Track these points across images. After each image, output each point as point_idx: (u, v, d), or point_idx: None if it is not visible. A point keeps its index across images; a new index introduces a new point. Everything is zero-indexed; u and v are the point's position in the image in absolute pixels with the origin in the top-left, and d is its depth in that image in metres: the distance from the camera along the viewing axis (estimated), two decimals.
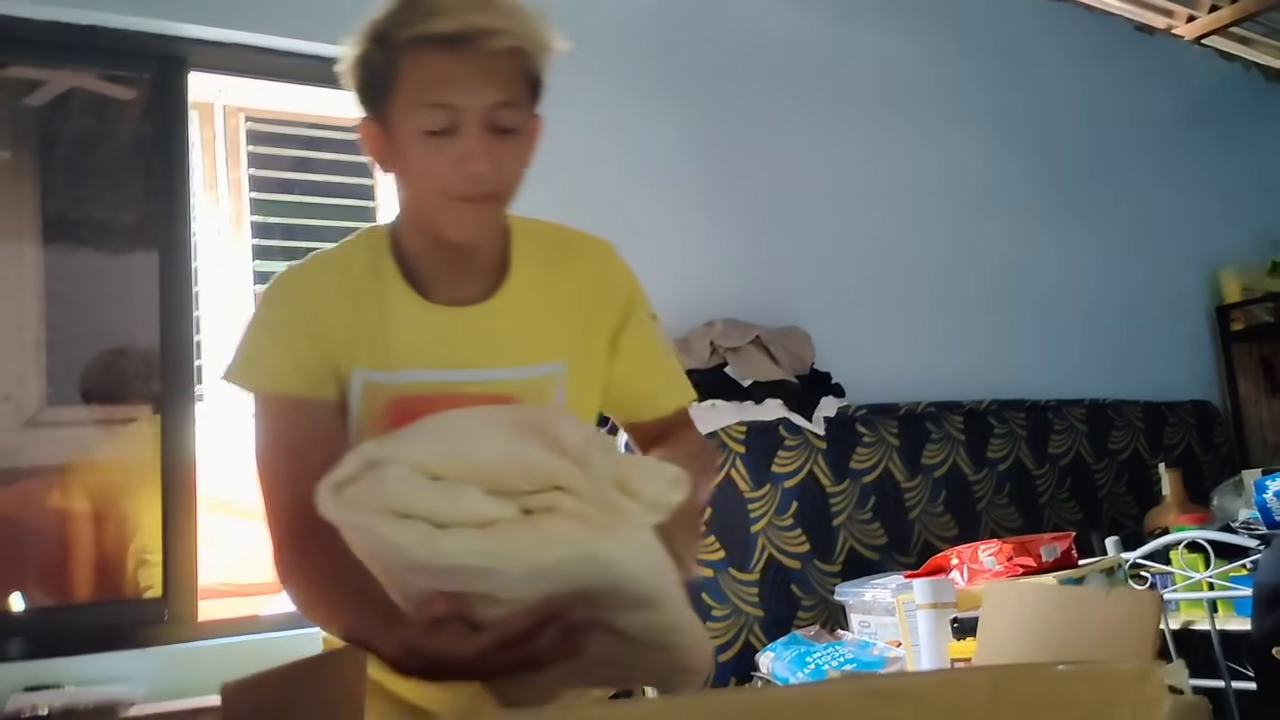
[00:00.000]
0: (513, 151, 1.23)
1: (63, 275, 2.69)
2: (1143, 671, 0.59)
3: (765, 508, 3.06)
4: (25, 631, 2.35)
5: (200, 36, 2.73)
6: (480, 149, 1.19)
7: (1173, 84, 4.98)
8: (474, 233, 1.26)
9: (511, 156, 1.23)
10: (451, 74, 1.18)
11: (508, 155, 1.22)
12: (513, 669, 0.97)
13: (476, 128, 1.19)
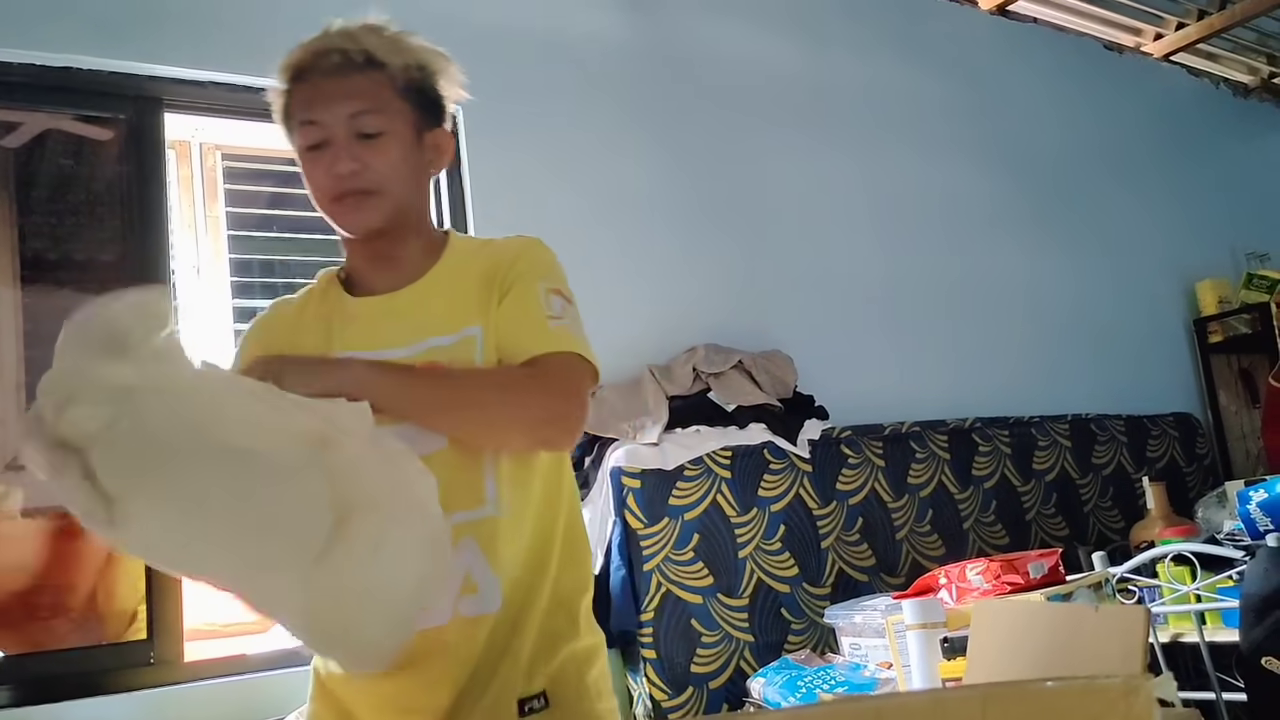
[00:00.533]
0: (379, 152, 1.40)
1: (42, 316, 2.67)
2: (1132, 685, 0.59)
3: (752, 532, 3.06)
4: (10, 678, 2.32)
5: (175, 76, 2.73)
6: (346, 153, 1.38)
7: (1143, 101, 5.04)
8: (358, 225, 1.43)
9: (378, 156, 1.40)
10: (315, 96, 1.40)
11: (374, 155, 1.39)
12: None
13: (342, 137, 1.39)
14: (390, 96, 1.41)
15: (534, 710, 1.33)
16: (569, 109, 3.29)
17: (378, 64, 1.41)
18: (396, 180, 1.42)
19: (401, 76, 1.43)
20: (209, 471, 1.12)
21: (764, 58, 3.79)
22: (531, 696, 1.33)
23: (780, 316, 3.50)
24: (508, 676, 1.33)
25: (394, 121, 1.41)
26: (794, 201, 3.70)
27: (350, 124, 1.39)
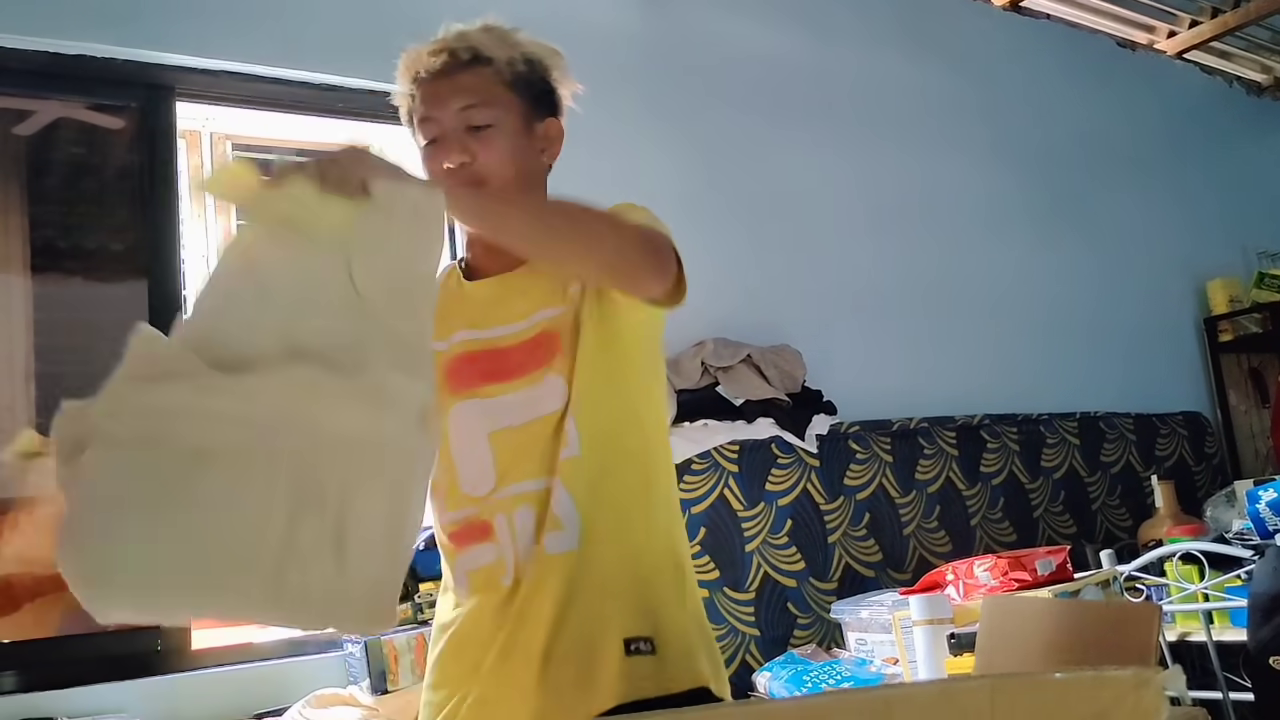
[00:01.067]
0: (487, 143, 1.45)
1: (52, 305, 2.68)
2: (1140, 678, 0.59)
3: (759, 526, 3.06)
4: (18, 664, 2.33)
5: (187, 65, 2.73)
6: (456, 146, 1.44)
7: (1156, 99, 5.01)
8: (467, 216, 1.40)
9: (486, 147, 1.45)
10: (428, 94, 1.47)
11: (483, 146, 1.44)
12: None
13: (453, 130, 1.45)
14: (499, 90, 1.48)
15: (640, 652, 1.35)
16: (578, 102, 3.28)
17: (484, 59, 1.47)
18: (504, 171, 1.47)
19: (508, 70, 1.49)
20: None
21: (774, 53, 3.78)
22: (639, 639, 1.35)
23: (789, 311, 3.49)
24: (610, 615, 1.36)
25: (502, 113, 1.47)
26: (804, 196, 3.69)
27: (460, 117, 1.45)
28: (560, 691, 1.34)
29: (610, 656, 1.34)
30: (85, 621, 2.51)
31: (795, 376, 3.28)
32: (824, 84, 3.87)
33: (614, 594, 1.38)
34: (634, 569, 1.41)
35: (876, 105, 3.99)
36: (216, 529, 1.05)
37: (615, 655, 1.34)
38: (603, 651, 1.34)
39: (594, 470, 1.41)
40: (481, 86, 1.46)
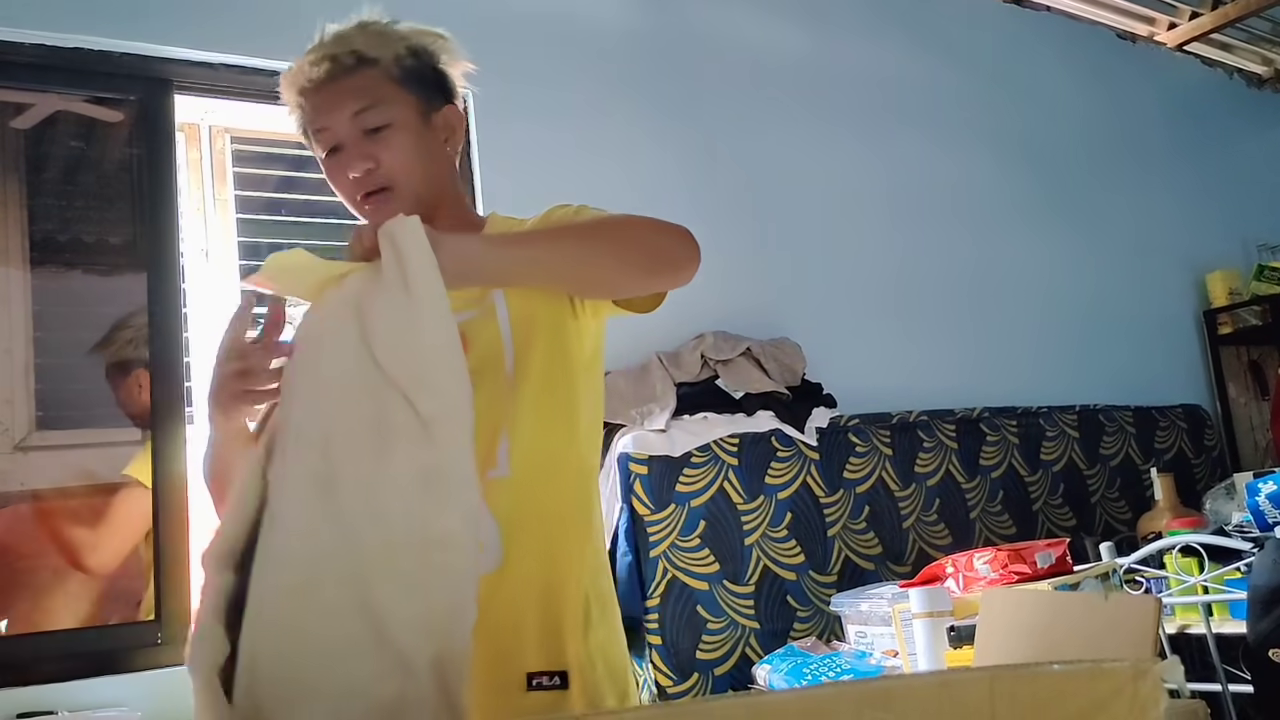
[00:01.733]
0: (387, 145, 1.42)
1: (51, 298, 2.68)
2: (1139, 669, 0.59)
3: (759, 519, 3.06)
4: (17, 658, 2.33)
5: (186, 58, 2.73)
6: (356, 153, 1.42)
7: (1156, 91, 5.01)
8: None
9: (387, 150, 1.42)
10: (318, 104, 1.44)
11: (383, 149, 1.42)
12: None
13: (350, 138, 1.42)
14: (389, 88, 1.44)
15: (542, 687, 1.29)
16: (578, 95, 3.28)
17: (369, 60, 1.44)
18: (410, 171, 1.44)
19: (396, 67, 1.45)
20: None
21: (775, 45, 3.77)
22: (544, 673, 1.29)
23: (789, 304, 3.49)
24: (517, 646, 1.30)
25: (397, 111, 1.44)
26: (804, 189, 3.69)
27: (354, 123, 1.42)
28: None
29: (510, 689, 1.28)
30: (85, 614, 2.52)
31: (795, 369, 3.28)
32: (826, 76, 3.87)
33: (525, 624, 1.31)
34: (553, 598, 1.34)
35: (876, 98, 3.98)
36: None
37: (516, 689, 1.28)
38: (504, 682, 1.28)
39: (521, 493, 1.34)
40: (371, 88, 1.43)
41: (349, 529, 1.04)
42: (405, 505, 1.05)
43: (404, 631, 1.01)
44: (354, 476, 1.06)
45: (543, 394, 1.39)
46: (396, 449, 1.06)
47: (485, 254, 1.23)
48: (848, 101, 3.90)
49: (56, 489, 2.63)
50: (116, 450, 2.67)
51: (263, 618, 1.03)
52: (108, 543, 2.59)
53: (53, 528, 2.60)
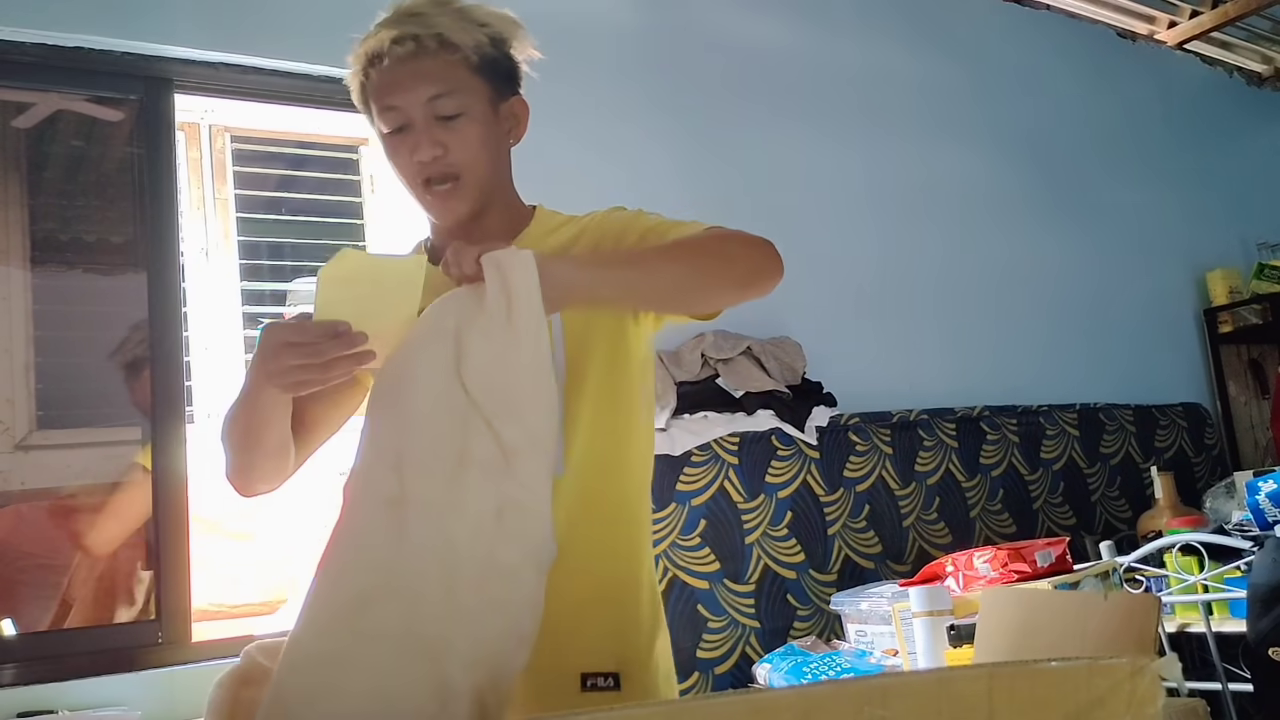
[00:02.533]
0: (459, 135, 1.41)
1: (51, 297, 2.68)
2: (1137, 666, 0.59)
3: (759, 518, 3.06)
4: (18, 657, 2.33)
5: (186, 57, 2.73)
6: (426, 138, 1.39)
7: (1156, 90, 5.01)
8: (448, 213, 1.44)
9: (458, 139, 1.41)
10: (392, 82, 1.40)
11: (454, 139, 1.40)
12: None
13: (422, 121, 1.39)
14: (466, 76, 1.42)
15: (598, 688, 1.28)
16: (576, 93, 3.28)
17: (451, 45, 1.40)
18: (478, 162, 1.43)
19: (475, 55, 1.42)
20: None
21: (773, 43, 3.77)
22: (599, 674, 1.29)
23: (789, 303, 3.48)
24: (571, 646, 1.29)
25: (471, 100, 1.42)
26: (803, 187, 3.69)
27: (428, 107, 1.39)
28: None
29: (565, 688, 1.27)
30: (87, 614, 2.52)
31: (795, 368, 3.28)
32: (824, 74, 3.87)
33: (584, 623, 1.31)
34: (609, 599, 1.34)
35: (877, 97, 3.98)
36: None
37: (570, 690, 1.27)
38: (556, 684, 1.27)
39: (576, 493, 1.34)
40: (449, 74, 1.40)
41: (412, 551, 1.04)
42: (473, 534, 1.05)
43: (451, 659, 1.01)
44: (425, 499, 1.06)
45: (602, 395, 1.40)
46: (473, 477, 1.06)
47: (583, 279, 1.23)
48: (848, 100, 3.90)
49: (57, 488, 2.63)
50: (117, 449, 2.67)
51: (308, 627, 1.03)
52: (105, 524, 2.59)
53: (55, 525, 2.60)
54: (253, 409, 1.32)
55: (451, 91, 1.39)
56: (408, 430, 1.10)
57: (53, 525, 2.60)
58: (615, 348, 1.42)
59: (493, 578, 1.05)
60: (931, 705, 0.60)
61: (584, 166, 3.19)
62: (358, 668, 1.00)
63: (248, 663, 1.22)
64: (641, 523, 1.44)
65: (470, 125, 1.41)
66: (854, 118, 3.89)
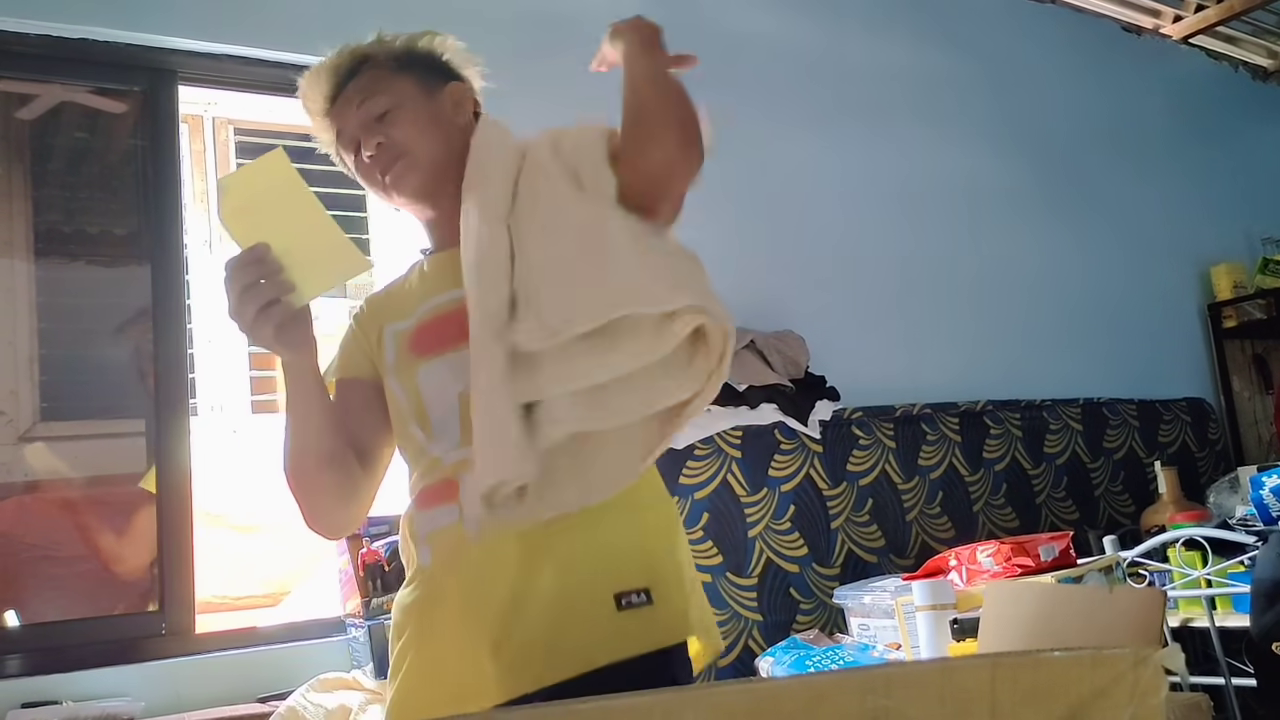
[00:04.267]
0: (394, 124, 1.49)
1: (55, 289, 2.68)
2: (1140, 657, 0.59)
3: (762, 512, 3.06)
4: (22, 647, 2.33)
5: (190, 49, 2.73)
6: (367, 138, 1.50)
7: (1161, 84, 5.00)
8: (404, 189, 1.51)
9: (394, 126, 1.49)
10: (335, 115, 1.55)
11: (390, 128, 1.49)
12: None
13: (360, 128, 1.51)
14: (387, 77, 1.53)
15: (633, 605, 1.30)
16: (577, 87, 3.27)
17: (365, 58, 1.54)
18: (420, 138, 1.50)
19: (389, 60, 1.55)
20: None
21: (777, 36, 3.77)
22: (633, 591, 1.30)
23: (793, 297, 3.48)
24: (598, 570, 1.32)
25: (397, 96, 1.51)
26: (807, 181, 3.68)
27: (361, 113, 1.50)
28: (528, 652, 1.28)
29: (599, 614, 1.28)
30: (89, 605, 2.53)
31: (799, 362, 3.28)
32: (827, 68, 3.86)
33: (607, 547, 1.33)
34: (631, 521, 1.37)
35: (881, 90, 3.97)
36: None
37: (605, 612, 1.28)
38: (588, 609, 1.29)
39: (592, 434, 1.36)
40: (371, 83, 1.52)
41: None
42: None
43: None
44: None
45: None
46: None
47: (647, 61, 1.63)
48: (852, 94, 3.89)
49: (60, 479, 2.63)
50: (120, 441, 2.68)
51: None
52: (132, 552, 2.61)
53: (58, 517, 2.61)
54: (292, 410, 1.39)
55: (376, 93, 1.51)
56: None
57: (55, 517, 2.61)
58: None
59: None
60: (934, 695, 0.60)
61: None
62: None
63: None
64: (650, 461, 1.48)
65: (402, 113, 1.50)
66: (858, 112, 3.89)
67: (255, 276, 1.25)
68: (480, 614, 1.31)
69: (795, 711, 0.58)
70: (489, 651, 1.28)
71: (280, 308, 1.26)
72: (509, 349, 1.26)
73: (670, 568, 1.38)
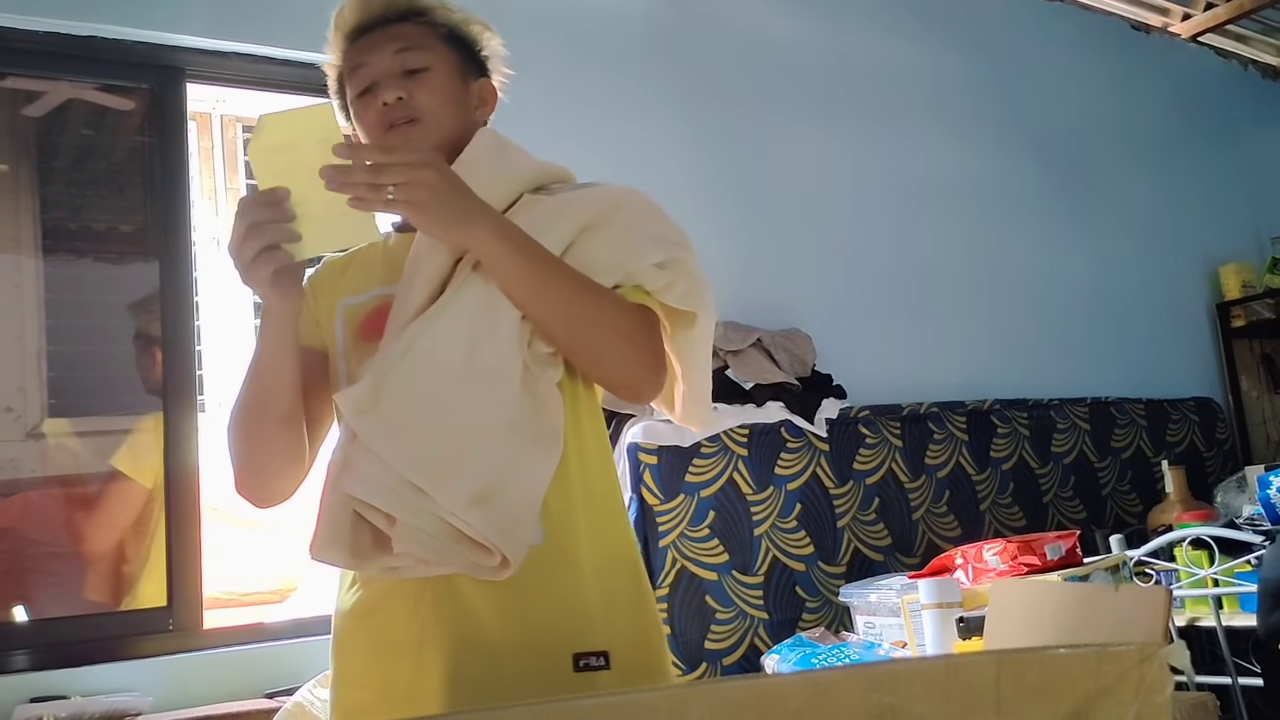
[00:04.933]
0: (423, 84, 1.43)
1: (63, 285, 2.69)
2: (1145, 653, 0.59)
3: (768, 510, 3.06)
4: (31, 642, 2.35)
5: (198, 46, 2.74)
6: (391, 84, 1.42)
7: (1170, 82, 4.99)
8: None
9: (422, 88, 1.43)
10: (365, 45, 1.45)
11: (418, 87, 1.43)
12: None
13: (388, 73, 1.43)
14: (434, 40, 1.47)
15: (590, 668, 1.25)
16: (586, 85, 3.27)
17: (419, 11, 1.47)
18: (440, 113, 1.44)
19: (443, 24, 1.49)
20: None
21: (786, 35, 3.76)
22: (590, 653, 1.26)
23: (800, 295, 3.48)
24: (560, 623, 1.27)
25: (438, 60, 1.46)
26: (814, 179, 3.68)
27: (395, 60, 1.43)
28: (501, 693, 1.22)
29: (557, 669, 1.24)
30: (100, 601, 2.54)
31: (805, 360, 3.28)
32: (836, 67, 3.86)
33: (568, 598, 1.28)
34: (596, 571, 1.31)
35: (889, 89, 3.97)
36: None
37: (563, 669, 1.24)
38: (548, 661, 1.24)
39: (574, 482, 1.33)
40: (418, 35, 1.46)
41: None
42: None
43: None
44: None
45: (590, 390, 1.42)
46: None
47: (497, 220, 1.28)
48: (860, 93, 3.89)
49: (69, 476, 2.64)
50: (127, 437, 2.68)
51: None
52: (98, 533, 2.62)
53: (65, 513, 2.61)
54: (260, 360, 1.33)
55: (418, 48, 1.45)
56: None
57: (62, 513, 2.62)
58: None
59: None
60: (939, 691, 0.60)
61: (597, 160, 3.18)
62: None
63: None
64: (623, 507, 1.44)
65: (436, 77, 1.45)
66: (866, 111, 3.88)
67: (266, 217, 1.22)
68: (455, 649, 1.26)
69: (800, 707, 0.58)
70: (441, 679, 1.24)
71: (282, 253, 1.23)
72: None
73: (634, 634, 1.33)
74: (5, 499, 2.56)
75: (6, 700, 2.16)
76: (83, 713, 2.13)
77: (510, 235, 1.26)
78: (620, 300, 1.35)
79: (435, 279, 1.32)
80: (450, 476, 1.20)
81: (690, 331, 1.49)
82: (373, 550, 1.24)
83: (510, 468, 1.23)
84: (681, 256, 1.45)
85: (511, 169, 1.47)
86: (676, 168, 3.35)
